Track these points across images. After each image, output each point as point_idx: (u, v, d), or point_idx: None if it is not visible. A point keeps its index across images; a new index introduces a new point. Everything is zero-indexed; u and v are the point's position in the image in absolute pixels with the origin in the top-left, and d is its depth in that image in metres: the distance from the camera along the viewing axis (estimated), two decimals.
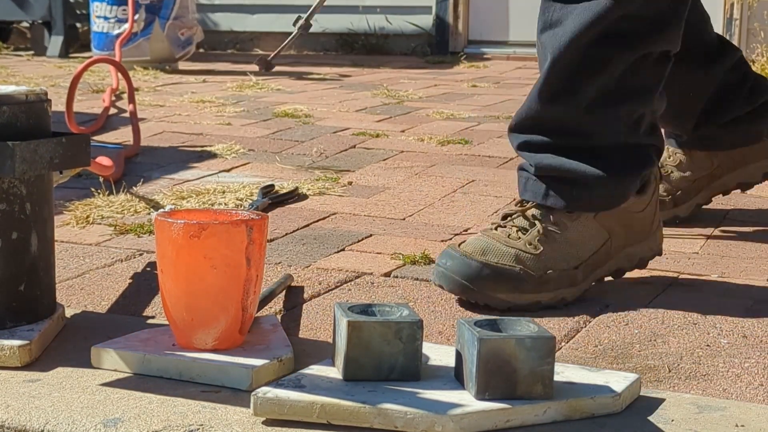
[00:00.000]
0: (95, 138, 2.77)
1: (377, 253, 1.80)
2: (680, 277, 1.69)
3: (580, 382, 1.17)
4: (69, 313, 1.44)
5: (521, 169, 1.61)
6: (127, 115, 3.09)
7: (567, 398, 1.12)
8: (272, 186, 2.24)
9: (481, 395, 1.11)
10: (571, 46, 1.54)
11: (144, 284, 1.61)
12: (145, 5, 4.70)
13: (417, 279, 1.65)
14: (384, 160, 2.61)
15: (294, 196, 2.19)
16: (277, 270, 1.68)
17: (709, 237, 1.94)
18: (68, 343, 1.33)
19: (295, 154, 2.70)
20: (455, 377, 1.16)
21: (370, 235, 1.91)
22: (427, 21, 5.82)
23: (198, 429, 1.09)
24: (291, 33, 4.64)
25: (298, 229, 1.95)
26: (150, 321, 1.44)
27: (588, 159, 1.56)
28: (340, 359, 1.16)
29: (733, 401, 1.19)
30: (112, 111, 3.30)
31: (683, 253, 1.83)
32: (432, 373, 1.18)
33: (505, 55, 5.57)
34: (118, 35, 4.63)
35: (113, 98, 3.40)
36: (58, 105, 1.71)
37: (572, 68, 1.55)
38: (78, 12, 5.69)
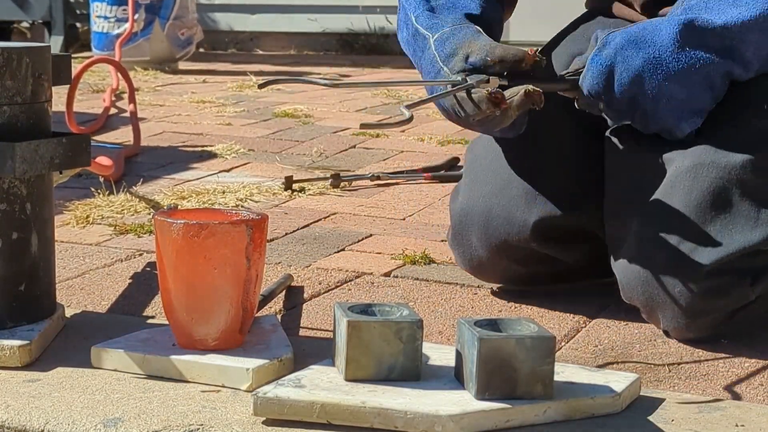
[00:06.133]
0: (95, 138, 2.77)
1: (377, 253, 1.80)
2: None
3: (580, 382, 1.17)
4: (69, 313, 1.44)
5: None
6: (127, 115, 3.09)
7: (567, 398, 1.13)
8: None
9: (481, 395, 1.11)
10: None
11: (144, 284, 1.61)
12: (145, 5, 4.69)
13: (417, 279, 1.65)
14: (384, 160, 2.61)
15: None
16: (277, 270, 1.68)
17: None
18: (68, 343, 1.33)
19: (295, 154, 2.69)
20: (455, 377, 1.17)
21: (370, 235, 1.91)
22: None
23: (198, 429, 1.09)
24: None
25: (298, 229, 1.95)
26: (150, 321, 1.44)
27: None
28: (340, 359, 1.16)
29: (733, 401, 1.19)
30: (113, 111, 3.29)
31: None
32: (432, 373, 1.18)
33: None
34: (118, 35, 4.62)
35: (113, 98, 3.39)
36: (58, 105, 1.71)
37: None
38: (78, 12, 5.68)
